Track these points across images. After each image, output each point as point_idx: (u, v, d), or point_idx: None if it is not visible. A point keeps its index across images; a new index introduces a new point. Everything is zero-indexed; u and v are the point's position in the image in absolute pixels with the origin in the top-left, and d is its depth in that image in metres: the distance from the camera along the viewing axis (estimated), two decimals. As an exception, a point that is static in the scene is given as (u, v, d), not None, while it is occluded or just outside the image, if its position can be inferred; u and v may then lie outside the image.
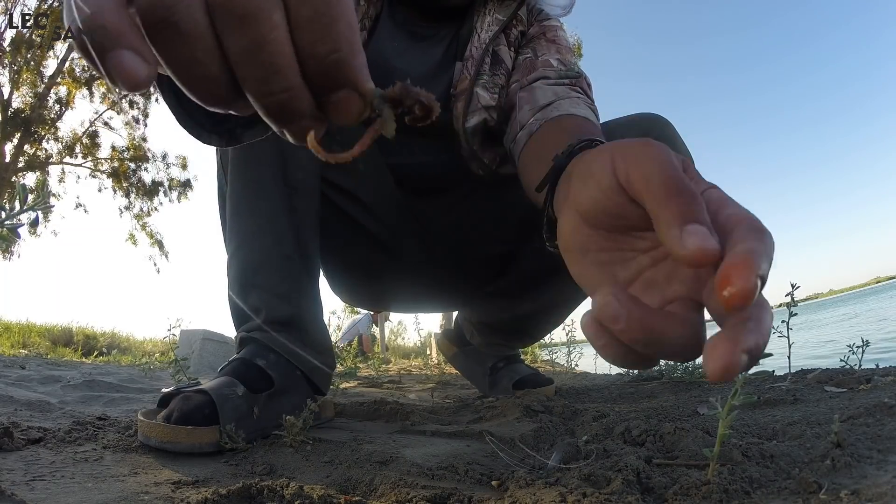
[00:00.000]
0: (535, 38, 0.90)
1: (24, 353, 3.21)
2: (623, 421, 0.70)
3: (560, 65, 0.84)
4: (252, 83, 0.23)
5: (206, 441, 0.64)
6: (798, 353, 1.52)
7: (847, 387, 0.85)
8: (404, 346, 5.83)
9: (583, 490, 0.44)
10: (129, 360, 3.34)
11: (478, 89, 0.86)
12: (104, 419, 0.79)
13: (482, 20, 0.89)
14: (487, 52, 0.87)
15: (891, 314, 7.29)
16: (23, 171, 10.11)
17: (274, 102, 0.24)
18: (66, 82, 10.54)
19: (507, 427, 0.79)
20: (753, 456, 0.50)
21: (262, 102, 0.24)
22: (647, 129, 0.85)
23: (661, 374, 1.33)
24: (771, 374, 1.09)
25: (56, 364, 2.30)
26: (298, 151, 0.82)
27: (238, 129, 0.37)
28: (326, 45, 0.23)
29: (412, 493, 0.46)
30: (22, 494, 0.44)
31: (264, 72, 0.23)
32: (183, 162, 11.86)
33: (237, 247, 0.82)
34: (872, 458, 0.46)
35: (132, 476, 0.53)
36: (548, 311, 1.13)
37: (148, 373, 1.98)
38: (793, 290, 0.98)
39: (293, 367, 0.79)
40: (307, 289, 0.84)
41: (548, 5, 0.92)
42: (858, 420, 0.60)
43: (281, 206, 0.81)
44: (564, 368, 2.40)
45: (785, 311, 1.04)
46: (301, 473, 0.56)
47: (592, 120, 0.73)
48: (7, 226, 0.46)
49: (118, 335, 7.88)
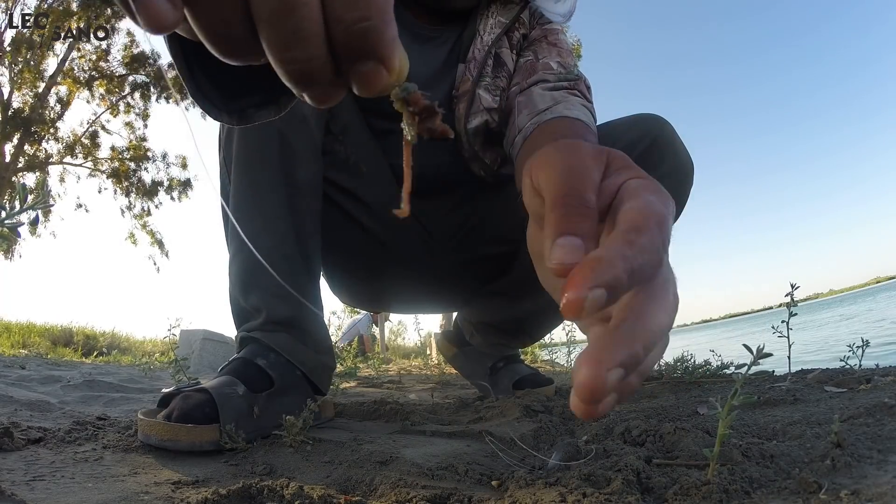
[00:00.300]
0: (536, 41, 0.90)
1: (24, 353, 3.21)
2: (623, 421, 0.70)
3: (560, 68, 0.85)
4: (276, 47, 0.22)
5: (206, 439, 0.64)
6: (798, 353, 1.52)
7: (847, 387, 0.85)
8: (404, 346, 5.83)
9: (583, 490, 0.44)
10: (129, 360, 3.34)
11: (480, 91, 0.87)
12: (104, 419, 0.79)
13: (485, 22, 0.89)
14: (490, 55, 0.88)
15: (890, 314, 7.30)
16: (23, 171, 10.10)
17: (295, 69, 0.23)
18: (66, 82, 10.55)
19: (507, 427, 0.79)
20: (753, 456, 0.50)
21: (283, 67, 0.23)
22: (647, 129, 0.86)
23: (660, 374, 1.33)
24: (771, 374, 1.09)
25: (56, 364, 2.30)
26: (302, 151, 0.82)
27: (250, 108, 0.36)
28: (356, 11, 0.22)
29: (412, 493, 0.46)
30: (22, 494, 0.44)
31: (290, 38, 0.22)
32: (183, 161, 11.87)
33: (239, 247, 0.82)
34: (872, 458, 0.46)
35: (132, 476, 0.53)
36: (549, 311, 1.13)
37: (148, 373, 1.98)
38: (793, 290, 0.98)
39: (293, 366, 0.79)
40: (308, 289, 0.85)
41: (549, 13, 0.93)
42: (858, 420, 0.60)
43: (283, 206, 0.81)
44: (564, 368, 2.40)
45: (785, 311, 1.04)
46: (301, 473, 0.56)
47: (585, 121, 0.73)
48: (7, 225, 0.46)
49: (118, 335, 7.87)
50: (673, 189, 0.86)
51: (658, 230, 0.26)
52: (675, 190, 0.87)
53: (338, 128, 0.89)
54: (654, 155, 0.84)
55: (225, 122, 0.37)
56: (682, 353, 1.33)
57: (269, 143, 0.80)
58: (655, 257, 0.25)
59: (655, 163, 0.84)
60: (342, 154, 0.90)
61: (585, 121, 0.73)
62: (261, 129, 0.79)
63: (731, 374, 1.21)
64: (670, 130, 0.86)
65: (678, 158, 0.86)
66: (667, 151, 0.85)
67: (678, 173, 0.86)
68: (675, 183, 0.86)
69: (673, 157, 0.85)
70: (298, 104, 0.86)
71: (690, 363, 1.28)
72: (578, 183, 0.29)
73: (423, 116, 0.26)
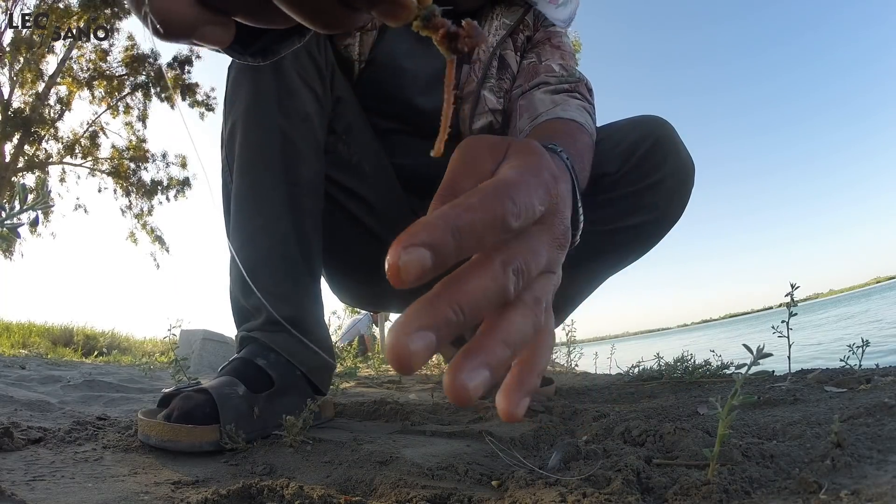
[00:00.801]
0: (540, 44, 0.92)
1: (24, 353, 3.21)
2: (623, 421, 0.70)
3: (562, 70, 0.86)
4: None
5: (206, 440, 0.64)
6: (798, 353, 1.52)
7: (847, 387, 0.85)
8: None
9: (583, 490, 0.44)
10: (129, 360, 3.34)
11: (485, 92, 0.88)
12: (104, 419, 0.79)
13: (490, 24, 0.90)
14: (495, 56, 0.89)
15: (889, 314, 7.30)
16: (23, 171, 10.11)
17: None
18: (66, 82, 10.55)
19: (507, 427, 0.79)
20: (753, 456, 0.50)
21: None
22: (650, 129, 0.87)
23: (661, 374, 1.33)
24: (771, 374, 1.09)
25: (56, 364, 2.30)
26: (305, 150, 0.82)
27: (272, 44, 0.36)
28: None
29: (412, 493, 0.46)
30: (22, 494, 0.44)
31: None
32: (182, 161, 11.88)
33: (240, 245, 0.82)
34: (872, 458, 0.46)
35: (132, 476, 0.53)
36: None
37: (148, 373, 1.98)
38: (793, 291, 0.98)
39: (293, 367, 0.79)
40: (309, 289, 0.84)
41: (553, 18, 0.94)
42: (858, 420, 0.60)
43: (285, 206, 0.81)
44: (564, 368, 2.40)
45: (785, 311, 1.04)
46: (301, 473, 0.56)
47: (579, 121, 0.74)
48: (7, 226, 0.46)
49: (118, 335, 7.86)
50: (676, 188, 0.88)
51: (494, 193, 0.24)
52: (677, 188, 0.88)
53: (341, 127, 0.89)
54: (658, 154, 0.85)
55: (250, 62, 0.36)
56: (682, 353, 1.34)
57: (271, 142, 0.80)
58: (488, 215, 0.23)
59: (659, 162, 0.85)
60: (345, 153, 0.90)
61: (580, 121, 0.74)
62: (263, 127, 0.79)
63: (731, 374, 1.21)
64: (672, 131, 0.87)
65: (680, 158, 0.87)
66: (670, 151, 0.86)
67: (680, 173, 0.87)
68: (677, 182, 0.87)
69: (675, 156, 0.86)
70: (301, 102, 0.85)
71: (690, 363, 1.29)
72: (460, 175, 0.29)
73: (449, 39, 0.26)
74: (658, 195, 0.86)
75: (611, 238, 0.89)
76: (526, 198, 0.25)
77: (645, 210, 0.87)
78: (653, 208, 0.87)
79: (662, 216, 0.89)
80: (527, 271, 0.25)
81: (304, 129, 0.82)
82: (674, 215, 0.90)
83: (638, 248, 0.94)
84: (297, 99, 0.80)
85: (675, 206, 0.89)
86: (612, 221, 0.87)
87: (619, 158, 0.86)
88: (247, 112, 0.80)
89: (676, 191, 0.88)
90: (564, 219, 0.29)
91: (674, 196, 0.88)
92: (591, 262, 0.94)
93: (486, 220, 0.23)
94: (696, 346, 2.72)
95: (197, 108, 11.57)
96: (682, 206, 0.90)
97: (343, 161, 0.90)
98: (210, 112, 11.68)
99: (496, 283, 0.23)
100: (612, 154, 0.86)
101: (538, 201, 0.26)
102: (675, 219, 0.91)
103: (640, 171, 0.85)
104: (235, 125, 0.82)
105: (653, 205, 0.87)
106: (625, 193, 0.86)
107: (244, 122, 0.80)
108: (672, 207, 0.89)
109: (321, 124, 0.85)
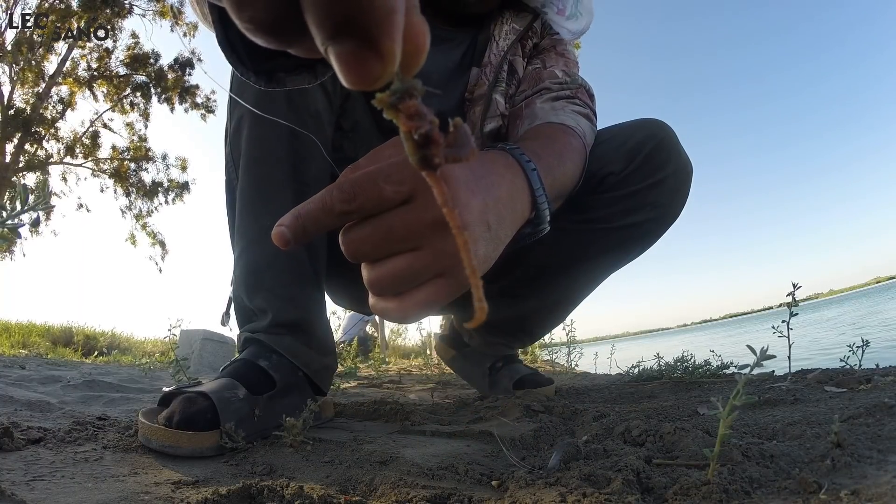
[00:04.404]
0: (545, 51, 0.94)
1: (24, 353, 3.21)
2: (623, 421, 0.70)
3: (564, 76, 0.89)
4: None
5: (207, 445, 0.64)
6: (798, 353, 1.52)
7: (847, 387, 0.85)
8: (404, 346, 5.83)
9: (583, 490, 0.44)
10: (129, 360, 3.34)
11: (496, 95, 0.89)
12: (104, 419, 0.79)
13: (500, 28, 0.91)
14: (505, 60, 0.90)
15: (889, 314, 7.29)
16: (23, 171, 10.11)
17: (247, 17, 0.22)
18: (67, 82, 10.55)
19: (507, 427, 0.79)
20: (753, 456, 0.50)
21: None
22: (653, 132, 0.89)
23: (661, 374, 1.33)
24: (771, 374, 1.09)
25: (56, 364, 2.30)
26: (313, 148, 0.82)
27: (281, 72, 0.36)
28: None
29: (412, 493, 0.46)
30: (22, 494, 0.44)
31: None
32: (183, 164, 11.87)
33: (245, 246, 0.82)
34: (872, 458, 0.46)
35: (132, 476, 0.53)
36: (550, 310, 1.13)
37: (148, 373, 1.98)
38: (793, 290, 0.99)
39: (296, 368, 0.79)
40: (314, 291, 0.84)
41: (560, 27, 0.95)
42: (858, 420, 0.60)
43: (292, 205, 0.80)
44: (564, 368, 2.40)
45: (785, 311, 1.04)
46: (301, 473, 0.56)
47: (570, 125, 0.78)
48: (8, 226, 0.46)
49: (118, 335, 7.86)
50: (677, 186, 0.90)
51: (330, 187, 0.37)
52: (678, 187, 0.91)
53: (348, 124, 0.89)
54: (662, 155, 0.88)
55: (251, 82, 0.36)
56: (682, 353, 1.34)
57: (280, 139, 0.79)
58: (318, 205, 0.37)
59: (663, 161, 0.88)
60: (350, 151, 0.90)
61: (570, 124, 0.78)
62: (272, 124, 0.79)
63: (731, 374, 1.21)
64: (673, 134, 0.90)
65: (681, 160, 0.90)
66: (672, 152, 0.89)
67: (681, 173, 0.90)
68: (678, 181, 0.90)
69: (677, 157, 0.89)
70: (311, 99, 0.85)
71: (690, 363, 1.29)
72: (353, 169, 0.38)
73: (422, 143, 0.19)
74: (661, 193, 0.89)
75: (615, 235, 0.91)
76: (360, 189, 0.36)
77: (648, 208, 0.89)
78: (655, 206, 0.89)
79: (664, 214, 0.91)
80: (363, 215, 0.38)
81: (314, 126, 0.80)
82: (674, 213, 0.93)
83: (639, 246, 0.96)
84: (308, 95, 0.79)
85: (675, 204, 0.92)
86: (617, 219, 0.89)
87: (624, 158, 0.87)
88: (255, 107, 0.79)
89: (678, 189, 0.91)
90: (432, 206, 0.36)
91: (675, 194, 0.91)
92: (595, 259, 0.96)
93: (317, 208, 0.37)
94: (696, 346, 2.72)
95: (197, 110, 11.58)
96: (682, 205, 0.93)
97: (348, 159, 0.90)
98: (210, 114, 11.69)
99: (324, 206, 0.37)
100: (618, 154, 0.88)
101: (377, 191, 0.36)
102: (675, 216, 0.94)
103: (644, 169, 0.87)
104: (242, 120, 0.81)
105: (655, 202, 0.89)
106: (629, 191, 0.88)
107: (252, 116, 0.79)
108: (673, 205, 0.91)
109: (330, 121, 0.84)
